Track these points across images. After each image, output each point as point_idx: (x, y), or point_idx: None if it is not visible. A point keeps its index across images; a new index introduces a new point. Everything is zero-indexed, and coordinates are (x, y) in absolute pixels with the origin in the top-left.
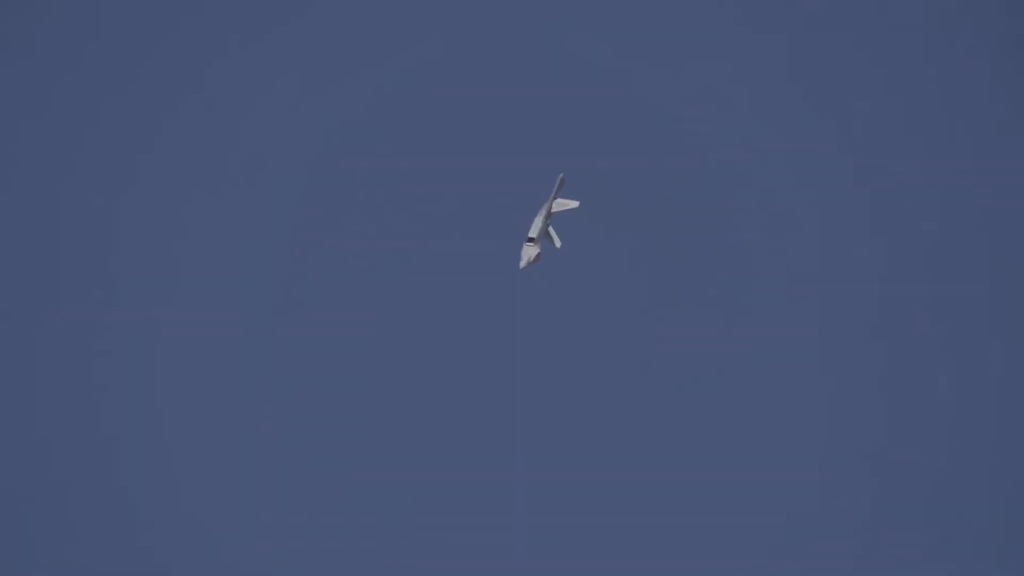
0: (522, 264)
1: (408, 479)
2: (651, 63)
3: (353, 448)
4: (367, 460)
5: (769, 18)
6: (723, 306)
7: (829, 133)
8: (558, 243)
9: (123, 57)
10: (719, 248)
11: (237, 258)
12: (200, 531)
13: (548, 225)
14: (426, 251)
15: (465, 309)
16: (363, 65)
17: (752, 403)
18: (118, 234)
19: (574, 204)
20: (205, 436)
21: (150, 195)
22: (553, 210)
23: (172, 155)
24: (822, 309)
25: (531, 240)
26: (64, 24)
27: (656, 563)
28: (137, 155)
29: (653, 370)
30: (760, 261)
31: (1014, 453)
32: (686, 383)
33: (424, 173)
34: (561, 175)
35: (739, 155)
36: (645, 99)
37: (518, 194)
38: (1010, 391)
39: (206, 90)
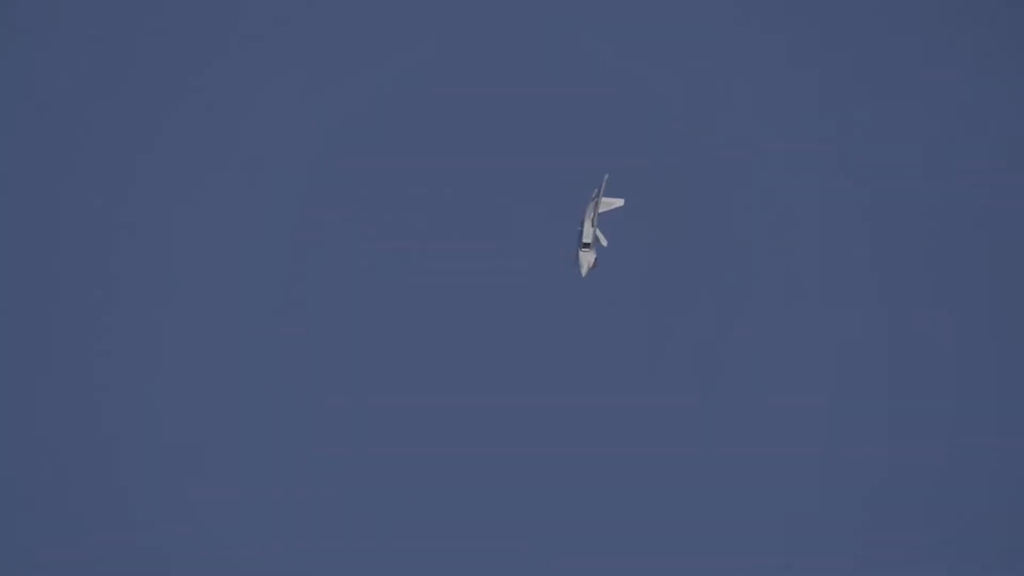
0: (583, 272)
1: (408, 479)
2: (651, 62)
3: (353, 448)
4: (367, 460)
5: (770, 17)
6: (723, 306)
7: (829, 133)
8: (604, 242)
9: (123, 57)
10: (718, 248)
11: (237, 257)
12: (200, 531)
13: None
14: (426, 251)
15: (465, 309)
16: (363, 65)
17: (751, 402)
18: (118, 234)
19: (619, 202)
20: (205, 436)
21: (150, 195)
22: (599, 210)
23: (172, 155)
24: (822, 309)
25: (586, 246)
26: (63, 23)
27: (655, 562)
28: (137, 155)
29: (651, 370)
30: (760, 261)
31: (1014, 453)
32: (685, 382)
33: (424, 173)
34: (607, 175)
35: (739, 155)
36: (645, 99)
37: (518, 194)
38: (1010, 391)
39: (206, 90)
